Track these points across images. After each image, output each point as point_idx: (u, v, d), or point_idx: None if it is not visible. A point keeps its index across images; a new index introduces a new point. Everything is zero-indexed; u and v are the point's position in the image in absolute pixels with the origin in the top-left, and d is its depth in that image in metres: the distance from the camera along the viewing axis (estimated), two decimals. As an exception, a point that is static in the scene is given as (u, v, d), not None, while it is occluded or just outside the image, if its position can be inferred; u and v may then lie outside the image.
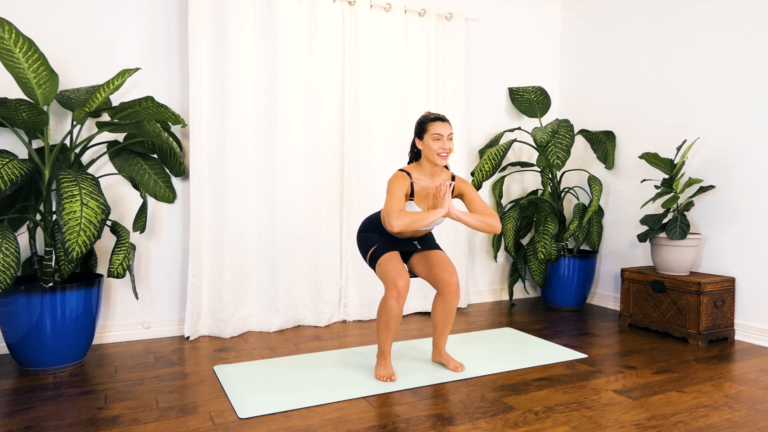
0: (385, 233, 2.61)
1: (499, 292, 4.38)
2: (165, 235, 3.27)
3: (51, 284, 2.63)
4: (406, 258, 2.71)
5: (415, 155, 2.60)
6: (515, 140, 3.97)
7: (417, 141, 2.51)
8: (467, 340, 3.16)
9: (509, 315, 3.85)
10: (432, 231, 2.71)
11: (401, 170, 2.48)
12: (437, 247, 2.63)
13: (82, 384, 2.46)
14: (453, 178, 2.57)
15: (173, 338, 3.22)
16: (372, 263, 2.52)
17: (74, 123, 2.78)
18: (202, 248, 3.22)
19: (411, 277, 2.65)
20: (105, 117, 3.11)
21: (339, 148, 3.62)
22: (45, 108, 2.75)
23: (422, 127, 2.48)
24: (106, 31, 3.10)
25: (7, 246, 2.37)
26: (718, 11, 3.38)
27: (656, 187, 3.38)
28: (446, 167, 2.59)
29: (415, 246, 2.59)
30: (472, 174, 3.93)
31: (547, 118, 4.51)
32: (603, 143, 4.08)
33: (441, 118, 2.46)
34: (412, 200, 2.48)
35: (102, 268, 3.14)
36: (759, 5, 3.17)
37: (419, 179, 2.50)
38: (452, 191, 2.56)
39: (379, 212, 2.63)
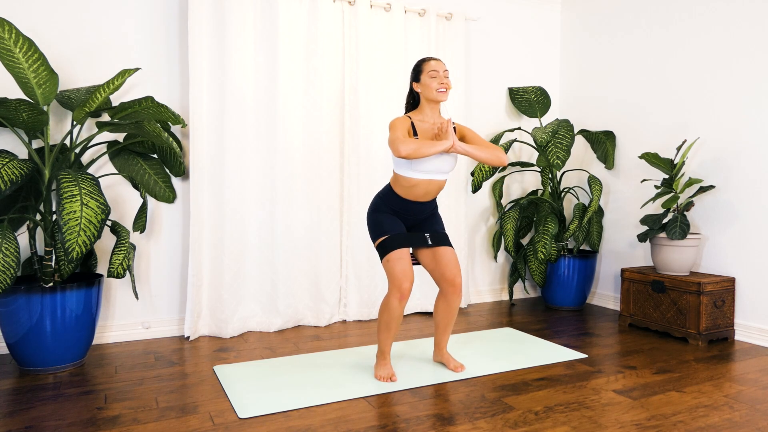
0: (397, 211, 2.56)
1: (499, 292, 4.38)
2: (165, 235, 3.27)
3: (51, 284, 2.63)
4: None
5: (411, 106, 2.60)
6: (515, 140, 3.97)
7: (415, 85, 2.53)
8: (467, 340, 3.16)
9: (509, 315, 3.85)
10: (442, 221, 2.68)
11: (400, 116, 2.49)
12: (448, 243, 2.60)
13: (82, 384, 2.46)
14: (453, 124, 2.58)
15: (173, 338, 3.22)
16: (380, 252, 2.50)
17: (74, 123, 2.78)
18: (202, 248, 3.22)
19: (414, 264, 2.63)
20: (105, 117, 3.11)
21: (339, 147, 3.62)
22: (45, 108, 2.75)
23: (418, 69, 2.51)
24: (107, 31, 3.10)
25: (7, 246, 2.37)
26: (718, 13, 3.38)
27: (656, 187, 3.38)
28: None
29: (426, 241, 2.57)
30: (472, 174, 3.93)
31: (547, 118, 4.51)
32: (603, 143, 4.08)
33: (435, 58, 2.50)
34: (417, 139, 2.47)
35: (102, 268, 3.14)
36: (759, 7, 3.17)
37: (420, 121, 2.51)
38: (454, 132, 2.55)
39: (388, 184, 2.60)
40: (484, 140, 2.53)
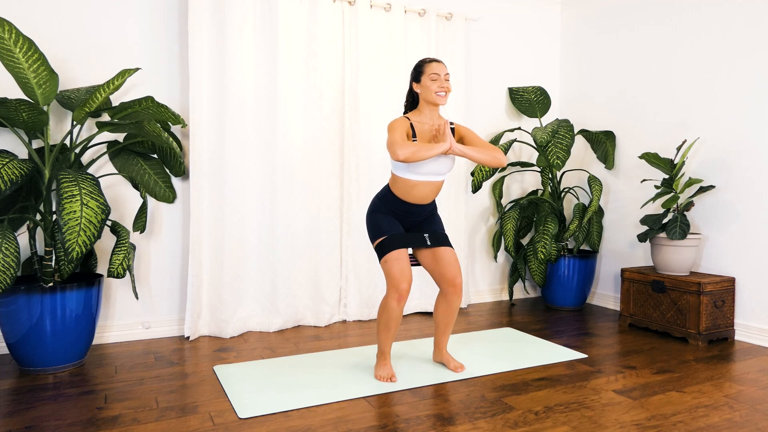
0: (396, 212, 2.56)
1: (499, 292, 4.38)
2: (165, 235, 3.27)
3: (51, 284, 2.63)
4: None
5: (411, 105, 2.60)
6: (515, 140, 3.97)
7: (414, 85, 2.52)
8: (467, 340, 3.16)
9: (509, 315, 3.85)
10: (441, 221, 2.68)
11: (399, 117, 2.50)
12: (448, 243, 2.60)
13: (82, 384, 2.46)
14: (452, 124, 2.59)
15: (173, 338, 3.22)
16: (378, 253, 2.50)
17: (74, 123, 2.78)
18: (202, 248, 3.22)
19: (414, 265, 2.63)
20: (105, 117, 3.11)
21: (339, 147, 3.62)
22: (45, 108, 2.75)
23: (419, 70, 2.50)
24: (107, 31, 3.10)
25: (7, 246, 2.37)
26: (718, 12, 3.38)
27: (656, 187, 3.38)
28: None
29: (425, 241, 2.57)
30: (472, 174, 3.93)
31: (547, 118, 4.50)
32: (603, 143, 4.08)
33: (436, 60, 2.50)
34: (415, 141, 2.47)
35: (102, 268, 3.14)
36: (759, 7, 3.17)
37: (419, 122, 2.51)
38: (453, 134, 2.56)
39: (387, 186, 2.60)
40: (483, 141, 2.53)
